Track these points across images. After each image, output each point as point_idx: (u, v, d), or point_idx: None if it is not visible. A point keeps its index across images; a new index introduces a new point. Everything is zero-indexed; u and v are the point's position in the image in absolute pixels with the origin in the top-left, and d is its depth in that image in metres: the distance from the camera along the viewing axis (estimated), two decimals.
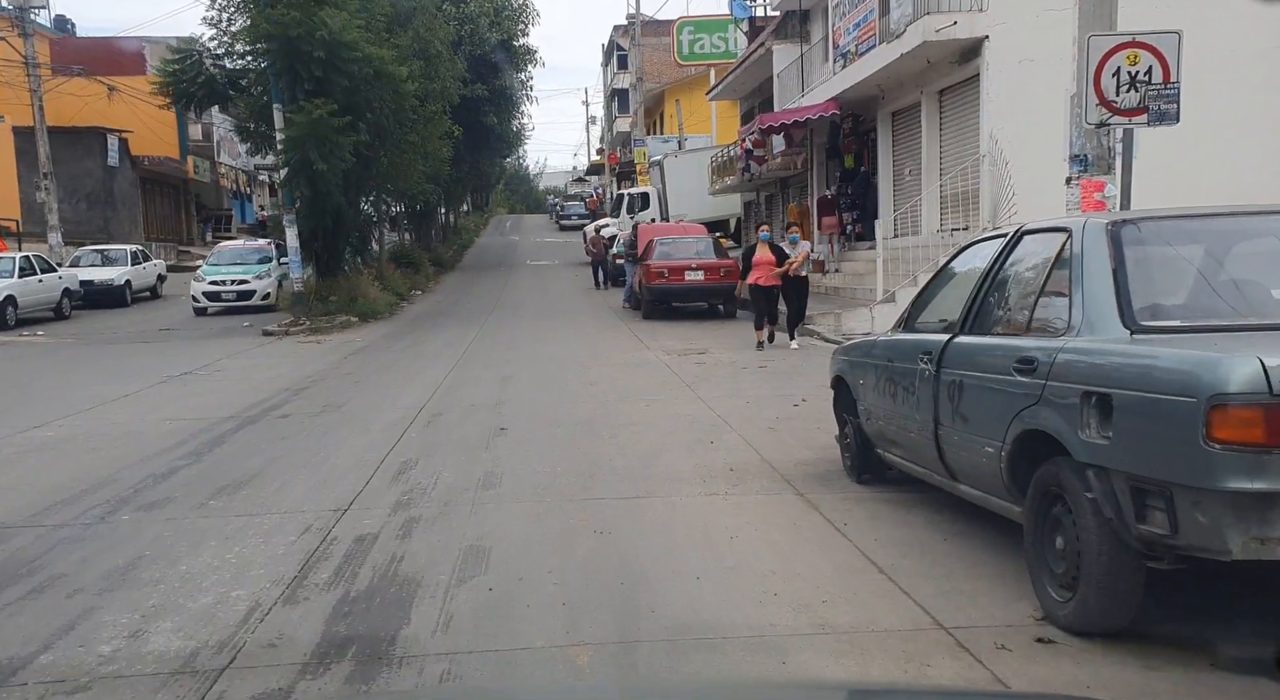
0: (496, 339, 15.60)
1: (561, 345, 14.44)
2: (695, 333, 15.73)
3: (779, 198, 28.40)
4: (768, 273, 13.20)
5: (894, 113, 19.07)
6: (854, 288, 17.76)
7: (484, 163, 38.84)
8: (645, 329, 16.48)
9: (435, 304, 23.87)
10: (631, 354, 13.12)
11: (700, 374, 10.84)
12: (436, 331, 17.17)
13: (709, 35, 40.80)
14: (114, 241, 35.32)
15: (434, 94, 24.11)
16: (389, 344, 15.31)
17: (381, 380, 11.04)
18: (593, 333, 16.28)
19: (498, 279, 30.69)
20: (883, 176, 19.48)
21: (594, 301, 23.41)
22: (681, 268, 17.60)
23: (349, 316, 19.11)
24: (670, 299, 18.13)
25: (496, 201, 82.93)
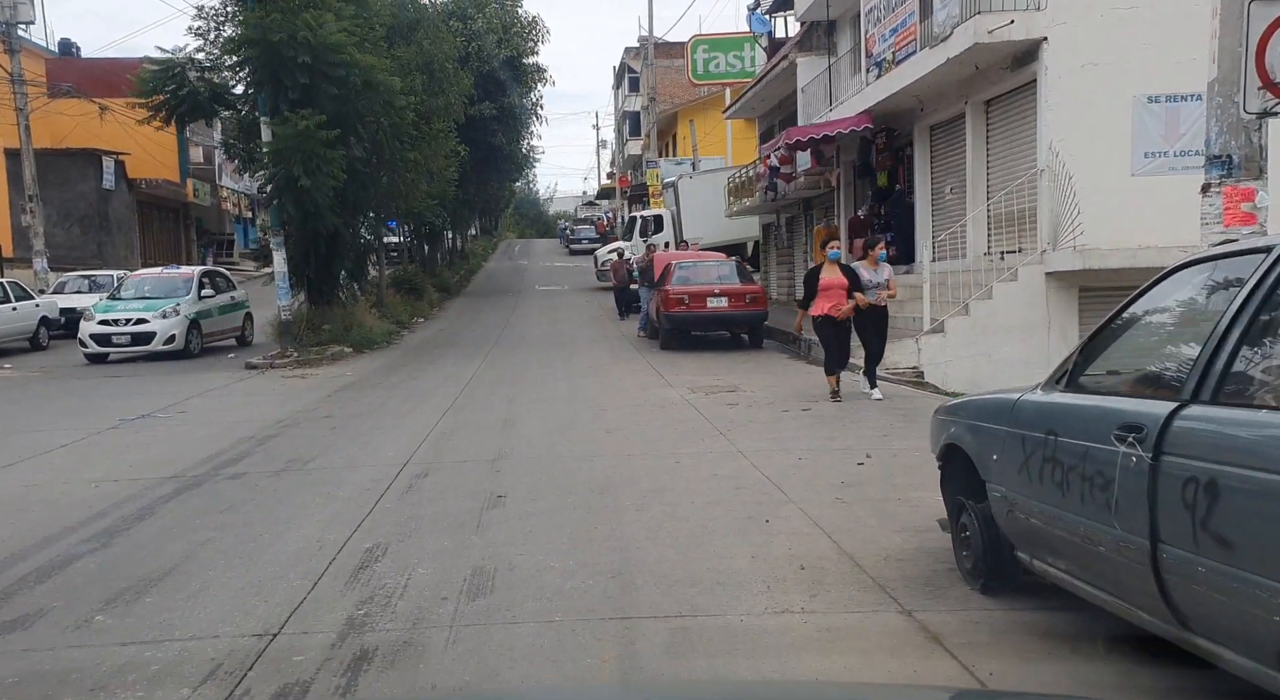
0: (501, 373, 14.09)
1: (572, 381, 12.91)
2: (720, 366, 14.18)
3: (801, 220, 26.92)
4: (839, 301, 10.23)
5: (933, 126, 17.60)
6: (894, 316, 16.17)
7: (492, 184, 37.54)
8: (664, 361, 14.95)
9: (438, 332, 22.40)
10: (652, 392, 11.58)
11: (734, 418, 9.28)
12: (435, 364, 15.67)
13: (724, 54, 39.57)
14: (108, 267, 34.19)
15: (438, 111, 22.80)
16: (381, 379, 13.80)
17: (364, 426, 9.51)
18: (606, 365, 14.75)
19: (505, 305, 29.25)
20: (919, 195, 17.98)
21: (606, 330, 21.89)
22: (703, 294, 16.09)
23: (342, 347, 17.64)
24: (691, 328, 16.60)
25: (506, 226, 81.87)
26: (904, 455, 7.30)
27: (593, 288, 34.29)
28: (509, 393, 11.82)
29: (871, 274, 10.41)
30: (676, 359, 15.24)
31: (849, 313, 10.16)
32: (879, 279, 10.40)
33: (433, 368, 15.08)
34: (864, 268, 10.54)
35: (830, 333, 10.36)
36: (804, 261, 26.98)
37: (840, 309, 10.18)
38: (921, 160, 17.92)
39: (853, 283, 10.24)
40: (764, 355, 15.69)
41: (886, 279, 10.57)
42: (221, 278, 19.67)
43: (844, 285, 10.22)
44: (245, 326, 19.54)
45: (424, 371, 14.57)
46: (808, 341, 15.50)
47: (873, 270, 10.48)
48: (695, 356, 15.47)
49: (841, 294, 10.19)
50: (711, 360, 14.95)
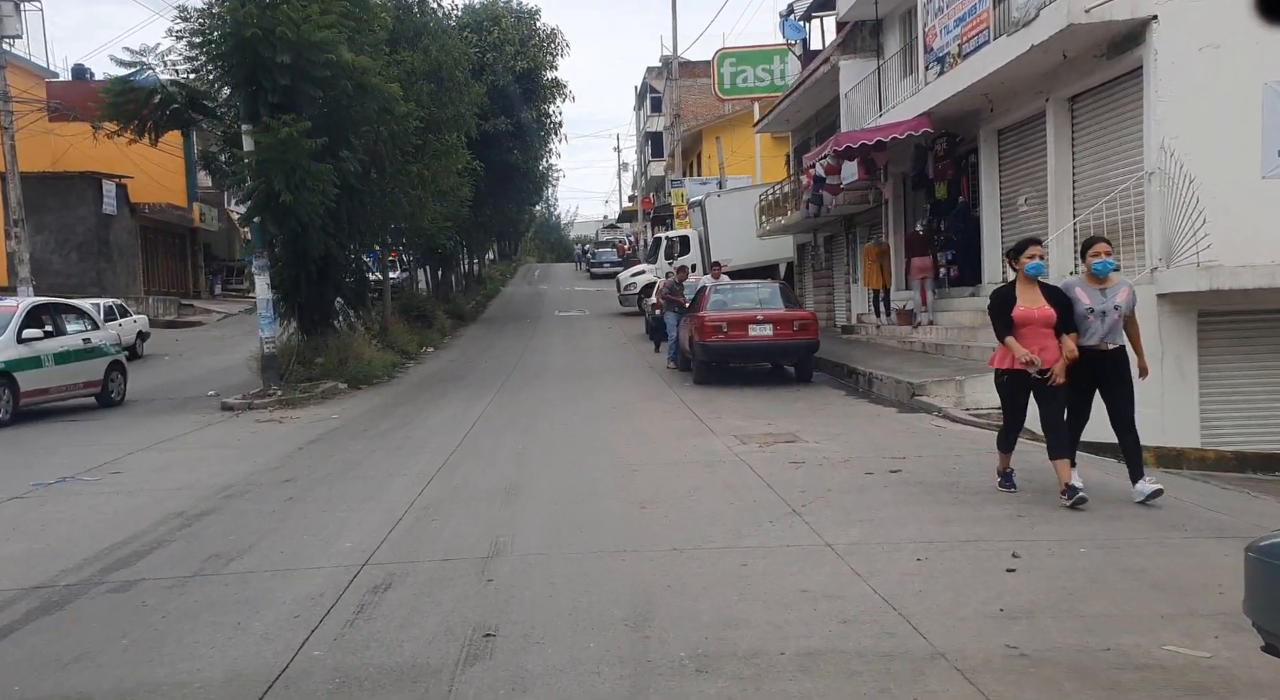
0: (511, 415, 12.02)
1: (595, 426, 10.81)
2: (768, 406, 12.06)
3: (843, 238, 24.81)
4: (1044, 343, 6.29)
5: (1003, 130, 15.49)
6: (963, 345, 14.01)
7: (509, 206, 35.69)
8: (700, 399, 12.84)
9: (446, 364, 20.41)
10: (691, 442, 9.45)
11: (805, 485, 7.14)
12: (437, 403, 13.62)
13: (752, 67, 37.68)
14: (108, 295, 32.63)
15: (448, 123, 20.96)
16: (370, 423, 11.77)
17: (328, 495, 7.44)
18: (635, 405, 12.64)
19: (522, 332, 27.27)
20: (986, 208, 15.84)
21: (631, 359, 19.81)
22: (744, 320, 13.98)
23: (336, 383, 15.66)
24: (730, 360, 14.48)
25: (525, 250, 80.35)
26: (1068, 552, 5.15)
27: (615, 313, 32.30)
28: (518, 443, 9.73)
29: (1096, 298, 6.36)
30: (714, 396, 13.13)
31: (1060, 375, 6.22)
32: (1108, 305, 6.33)
33: (433, 408, 13.04)
34: (1082, 287, 6.44)
35: (1014, 390, 6.54)
36: (846, 283, 24.86)
37: (1044, 366, 6.23)
38: (989, 168, 15.79)
39: (1063, 314, 6.32)
40: (816, 392, 13.54)
41: (1123, 305, 6.37)
42: (72, 315, 14.80)
43: (1049, 318, 6.31)
44: (110, 380, 14.74)
45: (422, 413, 12.53)
46: (867, 374, 13.36)
47: (1095, 290, 6.39)
48: (736, 393, 13.35)
49: (1046, 333, 6.31)
50: (756, 398, 12.82)
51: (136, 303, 33.18)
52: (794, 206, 25.72)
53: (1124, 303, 6.39)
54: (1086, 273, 6.54)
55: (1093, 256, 6.47)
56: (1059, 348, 6.28)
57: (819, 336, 14.24)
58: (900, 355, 15.18)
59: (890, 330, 17.78)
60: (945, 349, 14.50)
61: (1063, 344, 6.27)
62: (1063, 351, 6.25)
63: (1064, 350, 6.25)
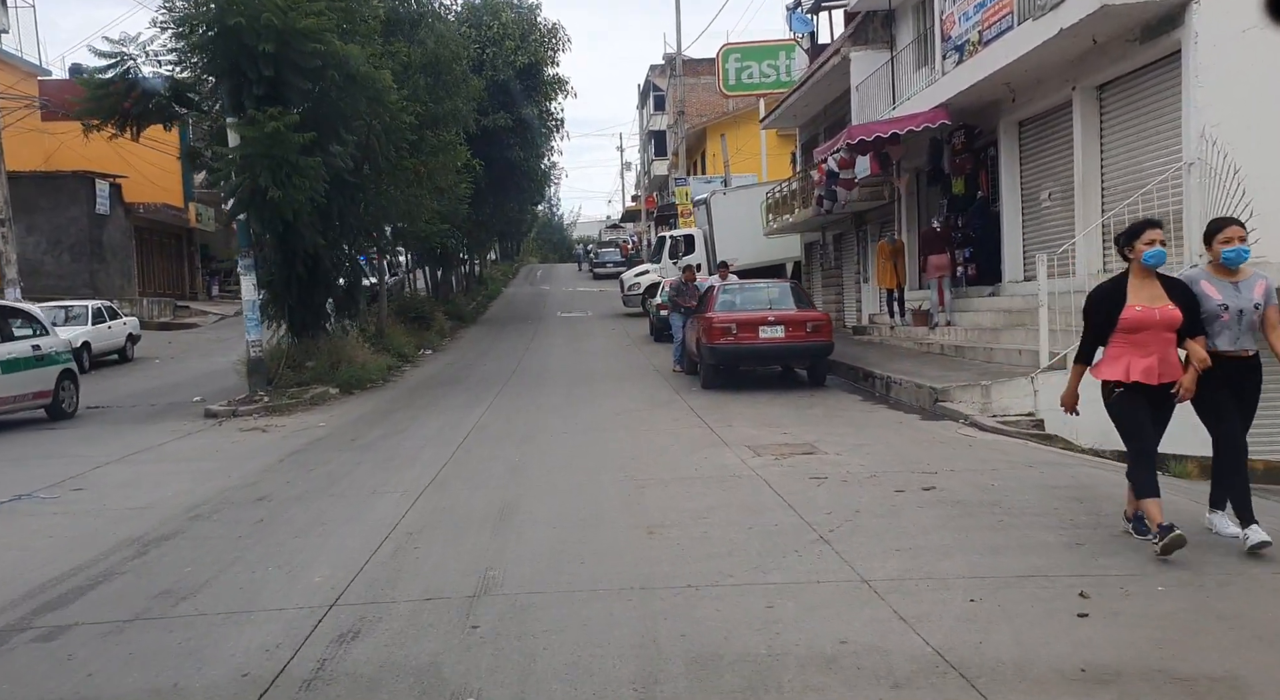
0: (509, 422, 11.34)
1: (598, 436, 10.12)
2: (782, 412, 11.36)
3: (853, 236, 24.08)
4: (1163, 353, 5.14)
5: (1025, 121, 14.77)
6: (985, 348, 13.29)
7: (510, 205, 34.99)
8: (710, 405, 12.14)
9: (445, 366, 19.73)
10: (703, 454, 8.75)
11: (831, 505, 6.44)
12: (432, 409, 12.94)
13: (757, 63, 36.96)
14: (101, 296, 31.98)
15: (445, 117, 20.27)
16: (359, 432, 11.08)
17: (302, 518, 6.76)
18: (640, 412, 11.94)
19: (523, 334, 26.59)
20: (1007, 203, 15.12)
21: (635, 362, 19.12)
22: (754, 322, 13.28)
23: (327, 387, 14.98)
24: (739, 363, 13.78)
25: (528, 250, 79.69)
26: (1144, 591, 4.44)
27: (618, 314, 31.61)
28: (515, 456, 9.04)
29: (1229, 292, 5.13)
30: (724, 402, 12.44)
31: (1189, 390, 5.12)
32: (1244, 301, 5.11)
33: (427, 415, 12.35)
34: (1210, 280, 5.17)
35: (1144, 418, 5.16)
36: (856, 283, 24.14)
37: (1171, 378, 5.14)
38: (1009, 162, 15.08)
39: (1190, 315, 5.10)
40: (831, 397, 12.83)
41: (1261, 300, 5.13)
42: (19, 319, 13.46)
43: (1173, 320, 5.07)
44: (61, 390, 13.47)
45: (415, 421, 11.84)
46: (885, 378, 12.66)
47: (1227, 283, 5.14)
48: (747, 398, 12.64)
49: (1168, 340, 5.12)
50: (768, 404, 12.12)
51: (131, 304, 32.56)
52: (802, 204, 25.01)
53: (1261, 298, 5.12)
54: (1213, 263, 5.21)
55: (1223, 243, 5.08)
56: (1175, 358, 5.15)
57: (833, 339, 13.53)
58: (918, 358, 14.47)
59: (905, 331, 17.07)
60: (966, 351, 13.78)
61: (1190, 350, 5.12)
62: (1191, 359, 5.12)
63: (1194, 358, 5.09)
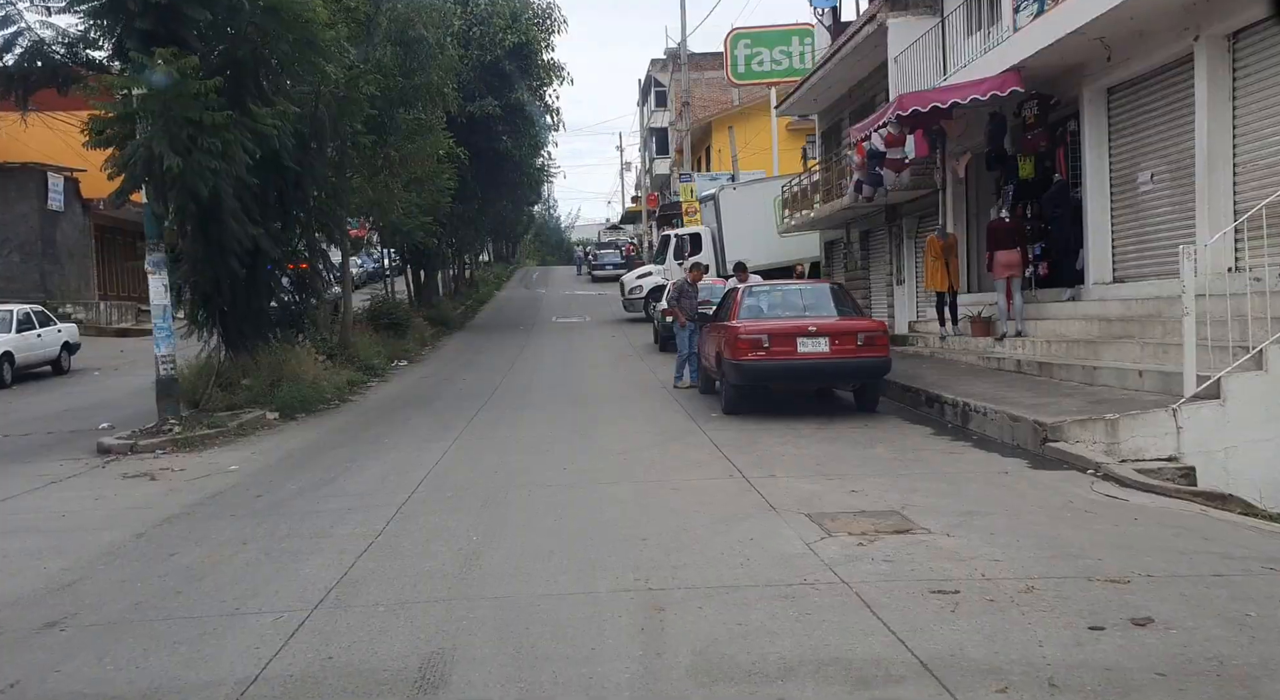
0: (474, 469, 8.60)
1: (592, 492, 7.39)
2: (832, 450, 8.67)
3: (884, 233, 21.37)
4: None
5: (1115, 87, 12.08)
6: (1083, 366, 10.57)
7: (501, 202, 32.30)
8: (739, 439, 9.44)
9: (418, 381, 17.02)
10: (746, 530, 6.03)
11: (992, 658, 3.72)
12: (382, 445, 10.21)
13: (768, 49, 34.28)
14: (53, 299, 29.30)
15: (419, 93, 17.57)
16: (274, 481, 8.35)
17: (96, 666, 4.04)
18: (649, 450, 9.21)
19: (513, 342, 23.87)
20: (1092, 187, 12.42)
21: (638, 375, 16.42)
22: (792, 332, 10.57)
23: (263, 411, 12.27)
24: (773, 383, 11.05)
25: (525, 253, 77.09)
26: None
27: (619, 319, 28.92)
28: (472, 534, 6.30)
29: None
30: (755, 433, 9.74)
31: None
32: None
33: (374, 454, 9.62)
34: None
35: None
36: (888, 286, 21.41)
37: None
38: (1096, 136, 12.38)
39: None
40: (891, 428, 10.11)
41: None
42: None
43: None
44: None
45: (355, 462, 9.11)
46: (959, 405, 9.97)
47: None
48: (783, 429, 9.94)
49: None
50: (814, 438, 9.41)
51: (86, 309, 29.91)
52: (824, 197, 22.36)
53: None
54: None
55: None
56: None
57: (890, 354, 10.82)
58: (990, 377, 11.75)
59: (960, 343, 14.37)
60: (1053, 369, 11.05)
61: None
62: None
63: None
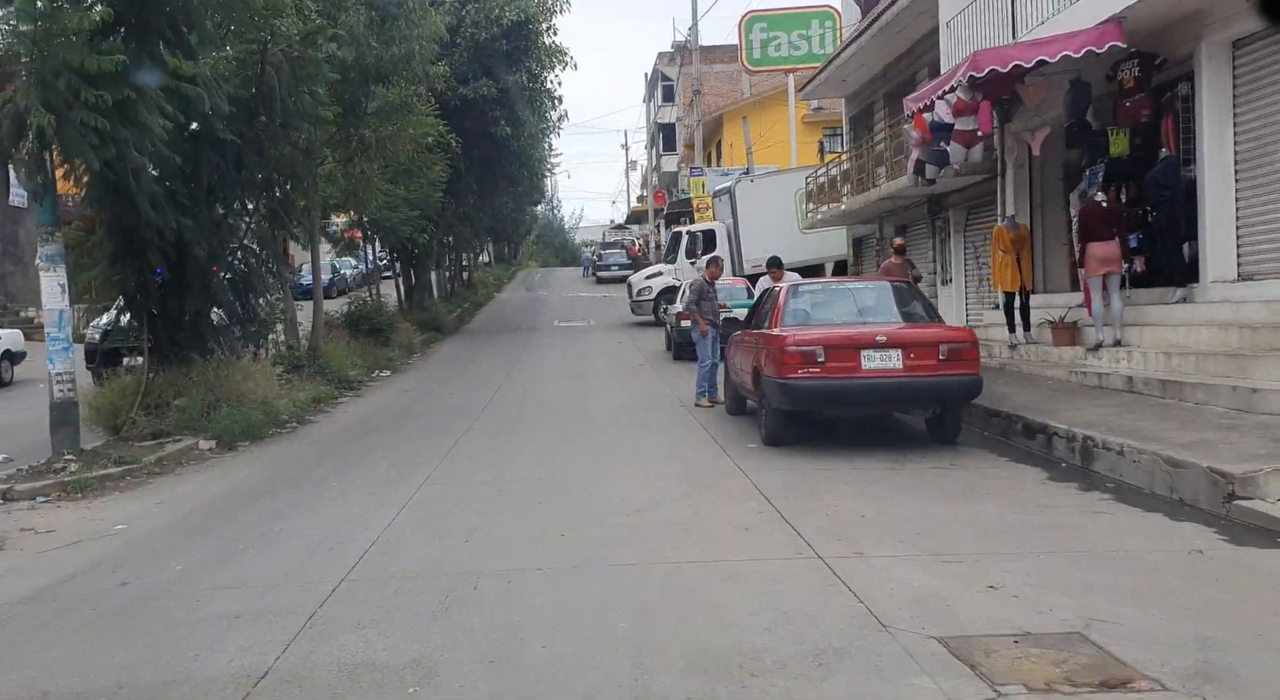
0: (440, 539, 6.27)
1: (601, 586, 5.05)
2: (922, 505, 6.38)
3: (925, 226, 19.05)
4: None
5: (1242, 40, 9.74)
6: (1231, 387, 8.23)
7: (500, 198, 30.02)
8: (792, 485, 7.14)
9: (396, 397, 14.74)
10: (847, 667, 3.72)
11: None
12: (331, 488, 7.91)
13: (786, 33, 31.94)
14: (16, 303, 27.26)
15: (399, 65, 15.29)
16: (170, 550, 6.07)
17: None
18: (678, 505, 6.88)
19: (511, 349, 21.58)
20: (1211, 164, 10.08)
21: (652, 389, 14.13)
22: (855, 343, 8.27)
23: (195, 440, 10.02)
24: (828, 408, 8.72)
25: (528, 254, 74.90)
26: None
27: (626, 323, 26.64)
28: (423, 661, 4.02)
29: None
30: (809, 475, 7.46)
31: None
32: None
33: (317, 502, 7.32)
34: None
35: None
36: (931, 286, 19.04)
37: None
38: (1216, 102, 10.04)
39: None
40: (982, 465, 7.80)
41: None
42: None
43: None
44: None
45: (286, 519, 6.81)
46: (1075, 438, 7.66)
47: None
48: (845, 470, 7.63)
49: None
50: (890, 485, 7.10)
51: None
52: (853, 189, 20.07)
53: None
54: None
55: None
56: None
57: (982, 371, 8.49)
58: (1098, 398, 9.39)
59: (1038, 353, 12.05)
60: (1183, 390, 8.71)
61: None
62: None
63: None
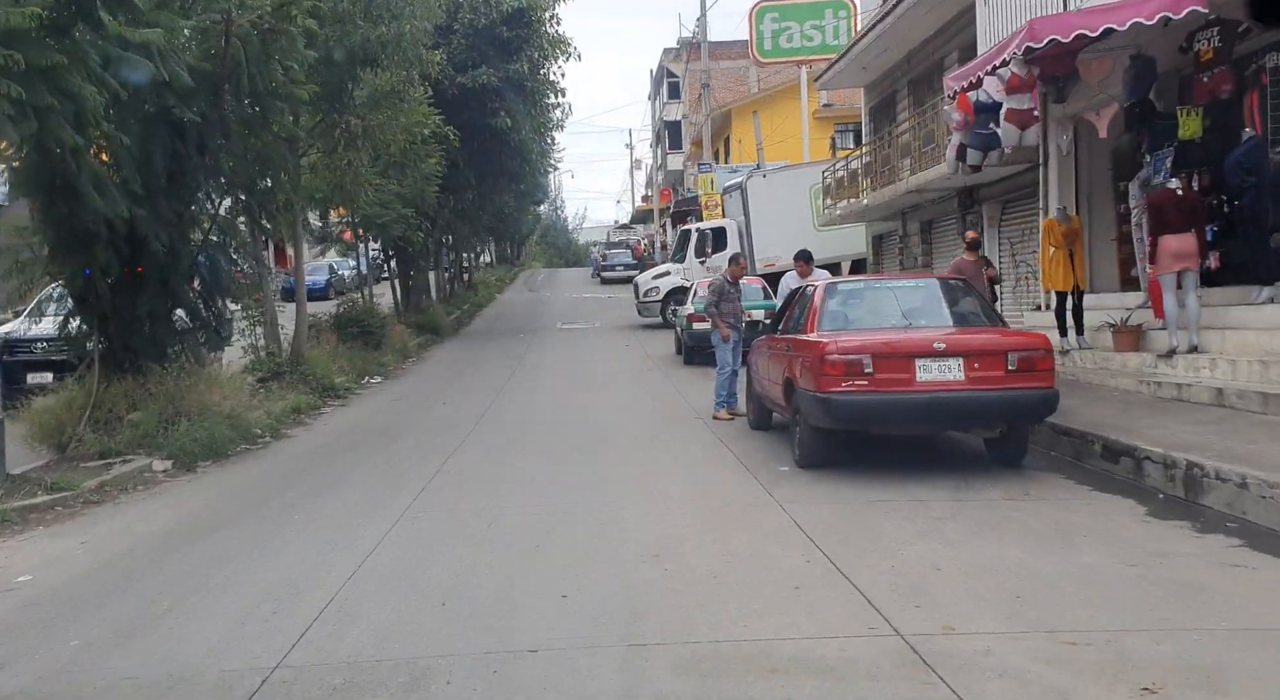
0: (415, 586, 5.10)
1: (618, 671, 3.89)
2: (1007, 549, 5.18)
3: (953, 222, 17.81)
4: None
5: None
6: None
7: (501, 193, 28.79)
8: (839, 523, 5.94)
9: (385, 406, 13.54)
10: None
11: None
12: (293, 522, 6.70)
13: (798, 23, 30.75)
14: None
15: (389, 47, 14.10)
16: (67, 618, 4.87)
17: None
18: (705, 550, 5.64)
19: (511, 353, 20.38)
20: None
21: (664, 399, 12.92)
22: (908, 350, 7.05)
23: (152, 459, 8.84)
24: (878, 426, 7.47)
25: (531, 255, 73.71)
26: None
27: (633, 325, 25.45)
28: None
29: None
30: (858, 509, 6.25)
31: None
32: None
33: (270, 544, 6.11)
34: None
35: None
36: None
37: None
38: None
39: None
40: (1061, 495, 6.57)
41: None
42: None
43: None
44: None
45: (226, 568, 5.59)
46: (1176, 462, 6.42)
47: None
48: (899, 498, 6.42)
49: None
50: (961, 522, 5.88)
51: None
52: (875, 182, 18.86)
53: None
54: None
55: None
56: None
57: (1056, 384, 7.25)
58: (1184, 414, 8.13)
59: (1096, 359, 10.82)
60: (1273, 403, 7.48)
61: None
62: None
63: None
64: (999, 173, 14.54)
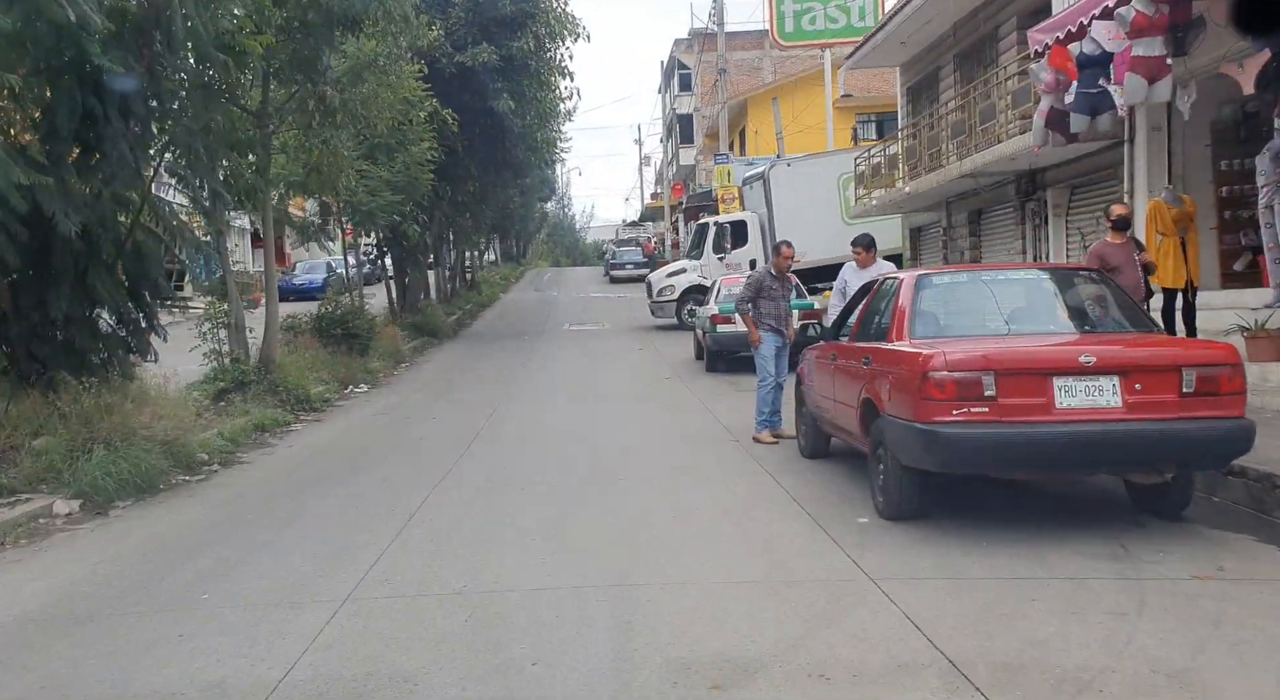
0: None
1: None
2: (1230, 659, 3.23)
3: (1011, 210, 15.83)
4: None
5: None
6: None
7: (505, 186, 26.95)
8: (968, 614, 4.03)
9: (366, 422, 11.68)
10: None
11: None
12: (200, 607, 4.86)
13: (822, 4, 28.84)
14: None
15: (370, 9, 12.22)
16: None
17: None
18: (781, 664, 3.79)
19: (513, 358, 18.52)
20: None
21: (689, 413, 11.03)
22: (1043, 366, 5.14)
23: (52, 499, 6.99)
24: (1005, 468, 5.55)
25: (538, 253, 72.00)
26: None
27: (646, 326, 23.61)
28: None
29: None
30: (984, 588, 4.36)
31: None
32: None
33: (162, 645, 4.23)
34: None
35: None
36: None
37: None
38: None
39: None
40: (1260, 564, 4.69)
41: None
42: None
43: None
44: None
45: (79, 685, 3.76)
46: None
47: None
48: (1032, 565, 4.54)
49: None
50: (1145, 617, 3.98)
51: None
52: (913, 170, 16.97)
53: None
54: None
55: None
56: None
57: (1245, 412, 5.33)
58: None
59: None
60: None
61: None
62: None
63: None
64: (1064, 154, 12.66)
